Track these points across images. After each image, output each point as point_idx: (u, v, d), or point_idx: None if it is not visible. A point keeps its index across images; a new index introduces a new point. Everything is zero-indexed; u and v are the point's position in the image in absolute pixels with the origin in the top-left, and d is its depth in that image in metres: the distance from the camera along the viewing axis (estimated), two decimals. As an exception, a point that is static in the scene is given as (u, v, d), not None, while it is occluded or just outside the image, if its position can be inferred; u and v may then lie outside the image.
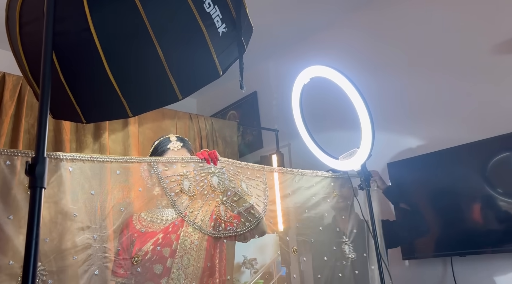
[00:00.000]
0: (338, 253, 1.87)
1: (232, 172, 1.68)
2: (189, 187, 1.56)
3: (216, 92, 4.02)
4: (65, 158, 1.33)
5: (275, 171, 1.84)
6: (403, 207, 2.15)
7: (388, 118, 2.63)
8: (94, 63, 1.15)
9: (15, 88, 2.14)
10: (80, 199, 1.37)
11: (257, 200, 1.68)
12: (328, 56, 3.01)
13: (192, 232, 1.59)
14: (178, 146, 1.70)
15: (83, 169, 1.37)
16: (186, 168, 1.58)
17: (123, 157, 1.47)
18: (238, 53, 1.29)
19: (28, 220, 0.88)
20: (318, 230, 1.88)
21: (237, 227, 1.60)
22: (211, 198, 1.59)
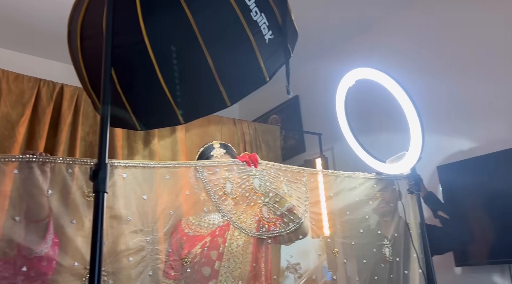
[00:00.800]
0: (378, 256, 1.83)
1: (272, 174, 1.70)
2: (231, 189, 1.59)
3: (257, 97, 4.05)
4: (119, 165, 1.40)
5: (317, 172, 1.83)
6: (441, 215, 2.06)
7: (438, 120, 2.55)
8: (148, 73, 1.21)
9: (72, 98, 2.28)
10: (133, 203, 1.44)
11: (298, 202, 1.69)
12: (371, 58, 2.96)
13: (238, 235, 1.63)
14: (221, 152, 1.75)
15: (135, 175, 1.43)
16: (229, 171, 1.62)
17: (171, 162, 1.53)
18: (284, 59, 1.31)
19: (93, 222, 0.94)
20: (359, 232, 1.85)
21: (280, 227, 1.61)
22: (253, 200, 1.62)
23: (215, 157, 1.74)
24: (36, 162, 1.24)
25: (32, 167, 1.24)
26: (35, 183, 1.24)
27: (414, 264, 1.77)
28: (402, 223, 1.88)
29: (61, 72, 2.41)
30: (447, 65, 2.61)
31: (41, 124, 2.14)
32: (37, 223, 1.24)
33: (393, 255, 1.83)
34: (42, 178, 1.25)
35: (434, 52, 2.69)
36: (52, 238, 1.26)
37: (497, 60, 2.39)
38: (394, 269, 1.81)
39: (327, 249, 1.95)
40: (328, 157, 3.23)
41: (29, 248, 1.21)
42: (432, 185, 2.45)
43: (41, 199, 1.25)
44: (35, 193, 1.24)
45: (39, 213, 1.24)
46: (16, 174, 1.22)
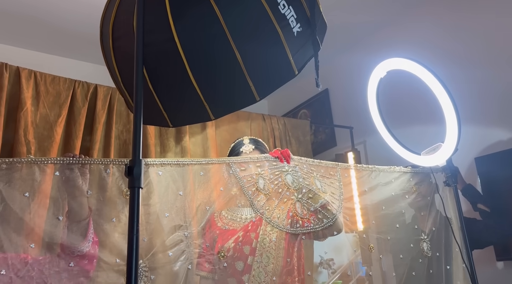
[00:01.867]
0: (415, 251, 1.80)
1: (305, 170, 1.69)
2: (264, 185, 1.60)
3: (286, 92, 4.03)
4: (154, 163, 1.44)
5: (351, 167, 1.81)
6: (481, 208, 1.97)
7: (475, 110, 2.46)
8: (179, 71, 1.22)
9: (105, 98, 2.35)
10: (170, 199, 1.48)
11: (332, 197, 1.67)
12: (402, 49, 2.88)
13: (270, 230, 1.63)
14: (250, 148, 1.77)
15: (171, 172, 1.47)
16: (261, 167, 1.62)
17: (204, 159, 1.57)
18: (313, 52, 1.29)
19: (129, 217, 0.97)
20: (395, 227, 1.82)
21: (315, 223, 1.61)
22: (286, 196, 1.61)
23: (245, 153, 1.76)
24: (76, 164, 1.29)
25: (72, 169, 1.29)
26: (76, 184, 1.28)
27: (457, 259, 1.72)
28: (440, 216, 1.83)
29: (95, 73, 2.48)
30: (481, 53, 2.51)
31: (77, 124, 2.22)
32: (79, 223, 1.28)
33: (432, 250, 1.78)
34: (82, 179, 1.30)
35: (466, 40, 2.59)
36: (92, 237, 1.31)
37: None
38: (433, 264, 1.77)
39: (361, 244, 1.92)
40: (360, 150, 3.18)
41: (72, 246, 1.26)
42: (470, 178, 2.37)
43: (81, 200, 1.30)
44: (76, 193, 1.28)
45: (80, 213, 1.29)
46: (57, 175, 1.27)
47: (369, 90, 1.95)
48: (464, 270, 1.67)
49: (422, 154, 1.78)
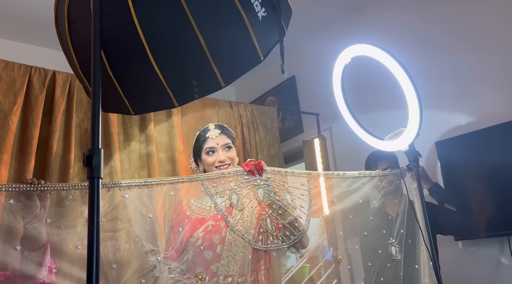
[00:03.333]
0: (383, 256, 1.81)
1: (277, 182, 1.69)
2: (237, 200, 1.59)
3: (253, 79, 4.02)
4: (121, 185, 1.39)
5: (321, 175, 1.81)
6: (448, 207, 2.03)
7: (436, 96, 2.53)
8: (140, 55, 1.18)
9: (65, 85, 2.24)
10: (139, 223, 1.43)
11: (301, 212, 1.69)
12: (368, 35, 2.92)
13: (240, 219, 1.62)
14: (216, 133, 1.75)
15: (138, 194, 1.42)
16: (233, 181, 1.61)
17: (174, 178, 1.54)
18: (278, 37, 1.28)
19: (89, 209, 0.93)
20: (363, 235, 1.85)
21: (282, 241, 1.62)
22: (257, 211, 1.62)
23: (211, 138, 1.74)
24: (34, 191, 1.22)
25: (30, 195, 1.21)
26: (33, 212, 1.21)
27: (424, 257, 1.75)
28: (408, 218, 1.84)
29: (53, 59, 2.37)
30: (444, 40, 2.58)
31: (34, 112, 2.11)
32: (34, 251, 1.22)
33: (400, 253, 1.81)
34: (41, 207, 1.23)
35: (430, 27, 2.66)
36: (48, 266, 1.24)
37: (493, 33, 2.35)
38: (402, 267, 1.79)
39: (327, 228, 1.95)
40: (326, 136, 3.22)
41: (25, 276, 1.19)
42: (430, 161, 2.45)
43: (39, 228, 1.22)
44: (33, 222, 1.21)
45: (36, 241, 1.22)
46: (12, 203, 1.19)
47: (334, 77, 1.96)
48: (431, 268, 1.71)
49: (385, 139, 1.82)
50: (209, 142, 1.74)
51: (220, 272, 1.55)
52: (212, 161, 1.72)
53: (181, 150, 2.50)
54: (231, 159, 1.74)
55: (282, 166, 3.00)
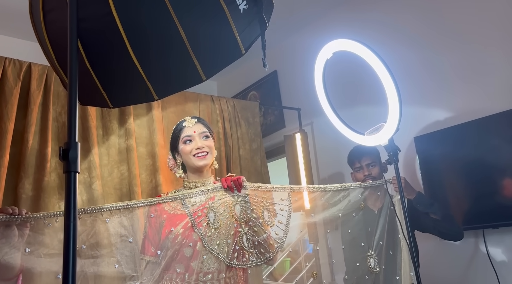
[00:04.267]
0: (361, 269, 1.83)
1: (256, 198, 1.68)
2: (214, 219, 1.58)
3: (235, 74, 4.00)
4: (103, 210, 1.38)
5: (302, 189, 1.81)
6: (434, 217, 2.02)
7: (414, 91, 2.57)
8: (118, 47, 1.15)
9: (41, 77, 2.18)
10: (119, 248, 1.42)
11: (278, 228, 1.69)
12: (350, 30, 2.94)
13: (220, 216, 1.61)
14: (192, 122, 1.74)
15: (119, 218, 1.42)
16: (212, 199, 1.61)
17: (154, 199, 1.54)
18: (260, 31, 1.27)
19: (65, 203, 0.91)
20: (341, 248, 1.87)
21: (257, 258, 1.62)
22: (234, 228, 1.61)
23: (188, 126, 1.72)
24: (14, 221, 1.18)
25: (9, 225, 1.17)
26: (11, 242, 1.17)
27: (405, 268, 1.77)
28: (388, 230, 1.86)
29: (28, 51, 2.30)
30: (423, 36, 2.62)
31: (9, 105, 2.05)
32: (5, 282, 1.18)
33: (379, 264, 1.82)
34: (19, 236, 1.19)
35: (410, 23, 2.69)
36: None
37: (472, 29, 2.40)
38: (381, 278, 1.81)
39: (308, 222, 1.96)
40: (308, 131, 3.24)
41: None
42: (409, 156, 2.49)
43: (14, 258, 1.18)
44: (9, 252, 1.17)
45: (8, 272, 1.18)
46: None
47: (316, 72, 1.96)
48: (412, 278, 1.72)
49: (365, 133, 1.83)
50: (186, 131, 1.72)
51: (200, 269, 1.54)
52: (190, 149, 1.70)
53: (162, 144, 2.47)
54: (209, 147, 1.71)
55: (263, 160, 3.00)
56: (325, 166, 3.18)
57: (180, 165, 1.76)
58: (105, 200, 2.21)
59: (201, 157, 1.68)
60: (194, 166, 1.70)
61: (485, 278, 2.18)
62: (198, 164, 1.69)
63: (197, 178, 1.73)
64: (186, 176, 1.76)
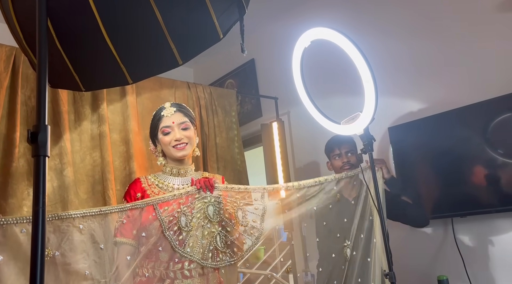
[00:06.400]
0: (337, 259, 1.86)
1: (230, 199, 1.67)
2: (185, 222, 1.56)
3: (212, 61, 3.95)
4: (76, 216, 1.36)
5: (278, 189, 1.80)
6: (405, 200, 2.06)
7: (389, 82, 2.60)
8: (91, 28, 1.11)
9: (8, 59, 2.09)
10: (90, 255, 1.40)
11: (252, 228, 1.68)
12: (328, 18, 2.95)
13: (193, 218, 1.60)
14: (171, 111, 1.70)
15: (92, 224, 1.40)
16: (185, 203, 1.58)
17: (128, 205, 1.51)
18: (238, 15, 1.25)
19: (34, 188, 0.87)
20: (315, 242, 1.89)
21: (230, 257, 1.63)
22: (207, 228, 1.61)
23: (166, 116, 1.68)
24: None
25: None
26: None
27: (376, 249, 1.80)
28: (361, 218, 1.88)
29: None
30: (398, 27, 2.65)
31: (-26, 88, 1.96)
32: None
33: (354, 252, 1.83)
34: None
35: (385, 14, 2.72)
36: None
37: (446, 21, 2.44)
38: (356, 264, 1.82)
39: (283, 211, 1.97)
40: (285, 120, 3.24)
41: None
42: (383, 145, 2.54)
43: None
44: None
45: None
46: None
47: (294, 61, 1.95)
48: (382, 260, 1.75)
49: (342, 123, 1.85)
50: (165, 121, 1.68)
51: (185, 258, 1.53)
52: (169, 140, 1.67)
53: (136, 131, 2.42)
54: (189, 138, 1.69)
55: (240, 149, 3.00)
56: (301, 155, 3.20)
57: (160, 151, 1.73)
58: (77, 187, 2.16)
59: (179, 148, 1.66)
60: (173, 157, 1.68)
61: (453, 265, 2.26)
62: (176, 155, 1.67)
63: (178, 165, 1.72)
64: (167, 162, 1.74)
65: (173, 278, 1.51)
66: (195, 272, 1.55)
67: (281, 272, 2.88)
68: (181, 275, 1.52)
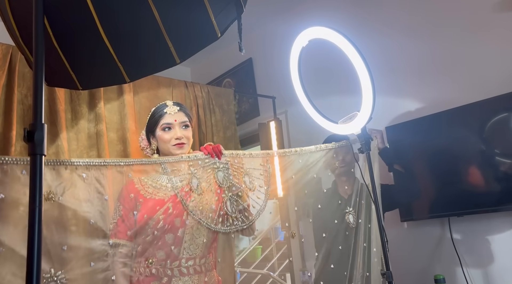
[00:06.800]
0: (340, 226, 1.88)
1: (236, 165, 1.69)
2: (197, 185, 1.58)
3: (210, 60, 3.94)
4: (79, 164, 1.36)
5: (280, 155, 1.83)
6: (397, 168, 2.13)
7: (387, 81, 2.61)
8: (88, 27, 1.10)
9: (5, 57, 2.08)
10: (95, 205, 1.41)
11: (259, 192, 1.71)
12: (326, 18, 2.94)
13: (203, 182, 1.61)
14: (175, 109, 1.69)
15: (97, 174, 1.40)
16: (193, 166, 1.60)
17: (134, 160, 1.53)
18: (236, 14, 1.25)
19: (31, 188, 0.87)
20: (317, 208, 1.90)
21: (241, 222, 1.64)
22: (217, 194, 1.62)
23: (169, 114, 1.68)
24: None
25: None
26: None
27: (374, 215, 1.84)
28: (361, 184, 1.94)
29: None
30: (396, 26, 2.65)
31: (-30, 86, 1.95)
32: None
33: (357, 219, 1.89)
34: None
35: (385, 13, 2.72)
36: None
37: (443, 21, 2.44)
38: (359, 231, 1.87)
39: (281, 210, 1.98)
40: (282, 120, 3.24)
41: None
42: (381, 145, 2.54)
43: None
44: None
45: None
46: None
47: (291, 60, 1.95)
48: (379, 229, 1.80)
49: (339, 122, 1.85)
50: (167, 118, 1.67)
51: (183, 255, 1.53)
52: (169, 138, 1.66)
53: (133, 130, 2.41)
54: (188, 138, 1.69)
55: (238, 148, 2.99)
56: (298, 154, 3.19)
57: (154, 149, 1.72)
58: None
59: (179, 146, 1.66)
60: (171, 154, 1.68)
61: (450, 264, 2.27)
62: (175, 153, 1.67)
63: None
64: None
65: (171, 276, 1.51)
66: (192, 269, 1.55)
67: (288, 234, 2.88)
68: (178, 273, 1.52)
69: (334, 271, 1.84)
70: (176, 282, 1.51)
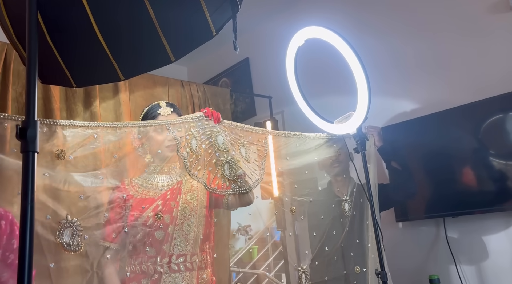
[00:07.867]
0: (336, 211, 1.92)
1: (233, 136, 1.68)
2: (196, 146, 1.57)
3: (206, 60, 3.94)
4: (89, 125, 1.40)
5: (280, 135, 1.83)
6: (395, 165, 2.15)
7: (383, 81, 2.61)
8: (82, 23, 1.10)
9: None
10: (105, 162, 1.49)
11: (254, 165, 1.68)
12: (323, 17, 2.95)
13: (190, 199, 1.60)
14: (168, 111, 1.69)
15: (106, 135, 1.44)
16: (194, 127, 1.59)
17: (143, 122, 1.56)
18: (231, 13, 1.24)
19: (22, 184, 0.86)
20: (317, 190, 1.94)
21: (240, 186, 1.61)
22: (216, 156, 1.60)
23: (163, 115, 1.68)
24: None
25: None
26: None
27: None
28: (354, 182, 1.96)
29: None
30: (392, 27, 2.65)
31: (-36, 83, 1.94)
32: None
33: (352, 210, 1.93)
34: None
35: (379, 14, 2.72)
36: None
37: (438, 22, 2.45)
38: (354, 222, 1.91)
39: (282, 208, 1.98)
40: (278, 119, 3.24)
41: None
42: (376, 146, 2.54)
43: None
44: None
45: None
46: None
47: (288, 60, 1.95)
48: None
49: (335, 122, 1.85)
50: (160, 119, 1.67)
51: (173, 251, 1.53)
52: (162, 139, 1.66)
53: (129, 129, 2.41)
54: None
55: (233, 148, 2.99)
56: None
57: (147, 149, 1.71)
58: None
59: (172, 148, 1.66)
60: (162, 156, 1.67)
61: (444, 264, 2.27)
62: (168, 155, 1.66)
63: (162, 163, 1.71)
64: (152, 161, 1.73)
65: (161, 273, 1.51)
66: (183, 266, 1.54)
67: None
68: (169, 269, 1.52)
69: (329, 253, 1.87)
70: (167, 278, 1.51)
